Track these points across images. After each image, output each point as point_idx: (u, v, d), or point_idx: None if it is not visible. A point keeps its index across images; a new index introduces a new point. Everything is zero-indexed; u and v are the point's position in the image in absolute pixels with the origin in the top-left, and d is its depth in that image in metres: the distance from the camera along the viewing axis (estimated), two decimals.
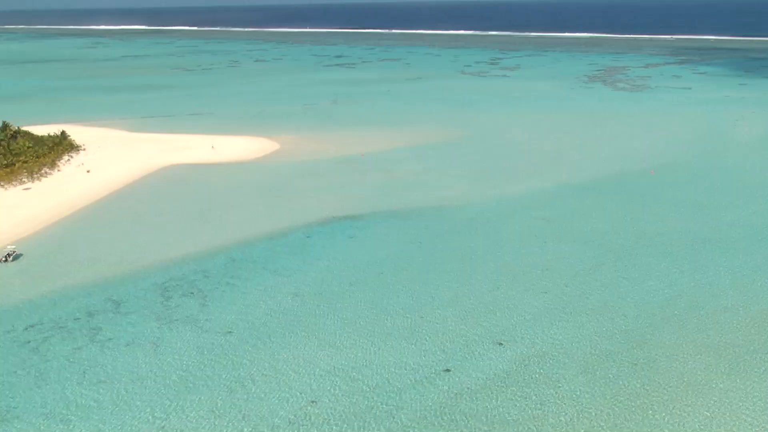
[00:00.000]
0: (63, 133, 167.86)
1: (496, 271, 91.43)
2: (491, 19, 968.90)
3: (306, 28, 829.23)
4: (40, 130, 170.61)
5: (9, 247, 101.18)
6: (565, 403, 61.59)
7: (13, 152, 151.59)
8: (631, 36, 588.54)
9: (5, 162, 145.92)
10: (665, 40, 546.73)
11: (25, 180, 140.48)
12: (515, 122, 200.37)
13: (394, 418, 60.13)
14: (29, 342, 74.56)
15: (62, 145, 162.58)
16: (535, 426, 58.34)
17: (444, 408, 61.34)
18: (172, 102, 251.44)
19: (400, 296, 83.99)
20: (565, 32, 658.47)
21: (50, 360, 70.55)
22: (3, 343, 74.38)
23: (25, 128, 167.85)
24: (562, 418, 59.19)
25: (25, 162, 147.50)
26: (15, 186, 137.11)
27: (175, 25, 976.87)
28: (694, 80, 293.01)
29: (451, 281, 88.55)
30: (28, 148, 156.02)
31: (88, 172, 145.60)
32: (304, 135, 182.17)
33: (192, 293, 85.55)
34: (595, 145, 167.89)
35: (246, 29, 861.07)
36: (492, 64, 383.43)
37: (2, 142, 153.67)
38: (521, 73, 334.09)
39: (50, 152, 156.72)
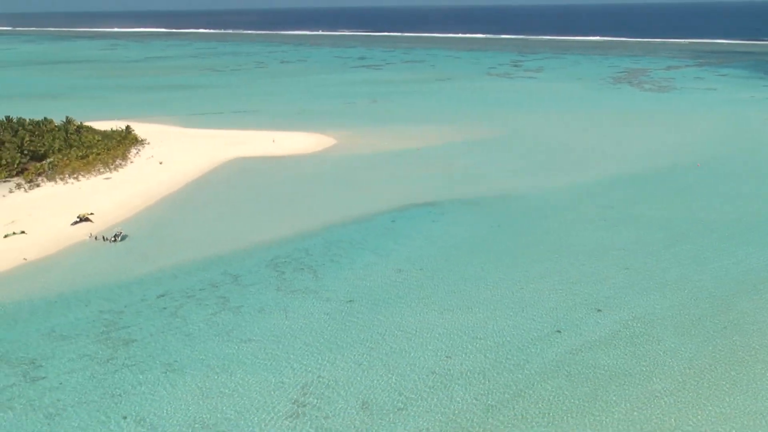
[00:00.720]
0: (128, 127, 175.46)
1: (576, 251, 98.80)
2: (499, 22, 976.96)
3: (319, 30, 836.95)
4: (98, 126, 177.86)
5: (116, 229, 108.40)
6: (669, 359, 68.92)
7: (85, 145, 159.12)
8: (645, 39, 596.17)
9: (80, 153, 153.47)
10: (679, 43, 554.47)
11: (102, 170, 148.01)
12: (553, 120, 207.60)
13: (522, 369, 67.48)
14: (165, 308, 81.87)
15: (128, 139, 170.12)
16: (647, 378, 65.59)
17: (562, 362, 68.63)
18: (214, 100, 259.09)
19: (495, 271, 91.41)
20: (577, 36, 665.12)
21: (192, 323, 77.85)
22: (142, 309, 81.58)
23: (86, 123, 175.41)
24: (669, 371, 66.47)
25: (98, 154, 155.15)
26: (95, 176, 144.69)
27: (184, 28, 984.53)
28: (717, 82, 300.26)
29: (537, 259, 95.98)
30: (98, 141, 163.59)
31: (160, 163, 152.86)
32: (355, 131, 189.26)
33: (302, 269, 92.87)
34: (636, 141, 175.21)
35: (258, 32, 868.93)
36: (515, 66, 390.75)
37: (72, 135, 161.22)
38: (546, 75, 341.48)
39: (119, 145, 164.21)
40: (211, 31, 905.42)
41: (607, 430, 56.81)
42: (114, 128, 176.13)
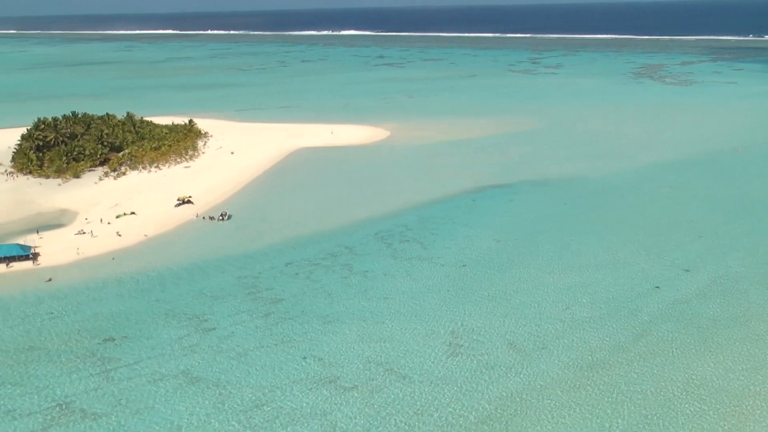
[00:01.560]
0: (191, 121, 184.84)
1: (649, 223, 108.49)
2: (506, 22, 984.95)
3: (328, 31, 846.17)
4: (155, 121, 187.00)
5: (215, 210, 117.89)
6: (761, 307, 78.75)
7: (156, 137, 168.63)
8: (653, 37, 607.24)
9: (153, 145, 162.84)
10: (688, 40, 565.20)
11: (179, 160, 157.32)
12: (588, 112, 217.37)
13: (635, 317, 77.28)
14: (297, 274, 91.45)
15: (193, 132, 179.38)
16: (746, 323, 75.36)
17: (668, 312, 78.32)
18: (253, 97, 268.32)
19: (582, 240, 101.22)
20: (586, 34, 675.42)
21: (328, 285, 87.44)
22: (276, 275, 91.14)
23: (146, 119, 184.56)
24: (765, 317, 76.37)
25: (170, 145, 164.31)
26: (174, 165, 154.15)
27: (192, 30, 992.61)
28: (735, 76, 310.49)
29: (616, 230, 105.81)
30: (166, 134, 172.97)
31: (232, 153, 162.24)
32: (403, 124, 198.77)
33: (407, 241, 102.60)
34: (673, 130, 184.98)
35: (267, 33, 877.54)
36: (533, 63, 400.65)
37: (139, 129, 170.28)
38: (567, 71, 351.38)
39: (185, 138, 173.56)
40: (221, 32, 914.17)
41: (725, 364, 66.39)
42: (173, 122, 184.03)
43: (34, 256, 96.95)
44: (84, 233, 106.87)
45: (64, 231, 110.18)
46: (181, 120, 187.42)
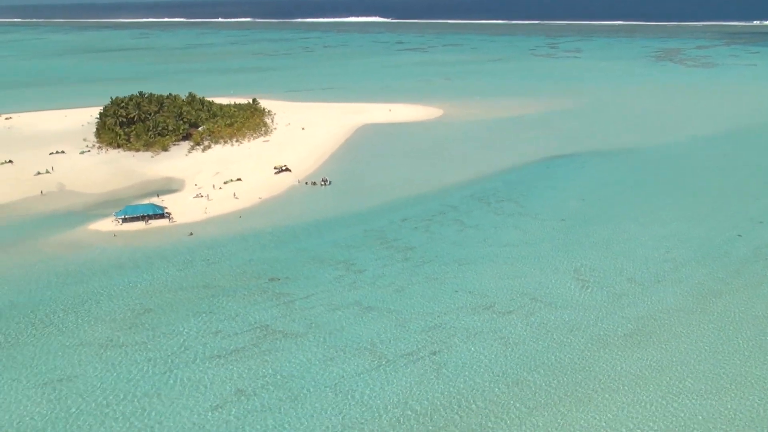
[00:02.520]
0: (254, 100, 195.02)
1: (713, 185, 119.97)
2: (511, 9, 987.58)
3: (337, 18, 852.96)
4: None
5: (310, 178, 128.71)
6: None
7: (227, 115, 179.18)
8: (661, 23, 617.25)
9: (227, 122, 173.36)
10: (695, 26, 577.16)
11: (255, 135, 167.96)
12: (620, 92, 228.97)
13: (727, 257, 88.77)
14: (416, 227, 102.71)
15: (258, 110, 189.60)
16: None
17: (755, 254, 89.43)
18: (293, 79, 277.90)
19: (658, 199, 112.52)
20: (595, 20, 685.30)
21: (448, 236, 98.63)
22: (397, 228, 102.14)
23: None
24: None
25: (242, 122, 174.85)
26: (252, 139, 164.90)
27: (200, 18, 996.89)
28: (753, 58, 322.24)
29: (686, 191, 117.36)
30: (235, 111, 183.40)
31: (303, 129, 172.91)
32: (452, 103, 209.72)
33: (503, 200, 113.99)
34: (708, 107, 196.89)
35: (274, 20, 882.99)
36: (552, 48, 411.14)
37: (207, 107, 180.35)
38: (588, 55, 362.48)
39: (252, 115, 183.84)
40: (230, 20, 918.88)
41: None
42: (234, 102, 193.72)
43: (168, 215, 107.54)
44: (201, 197, 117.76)
45: (181, 195, 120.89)
46: (253, 98, 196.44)
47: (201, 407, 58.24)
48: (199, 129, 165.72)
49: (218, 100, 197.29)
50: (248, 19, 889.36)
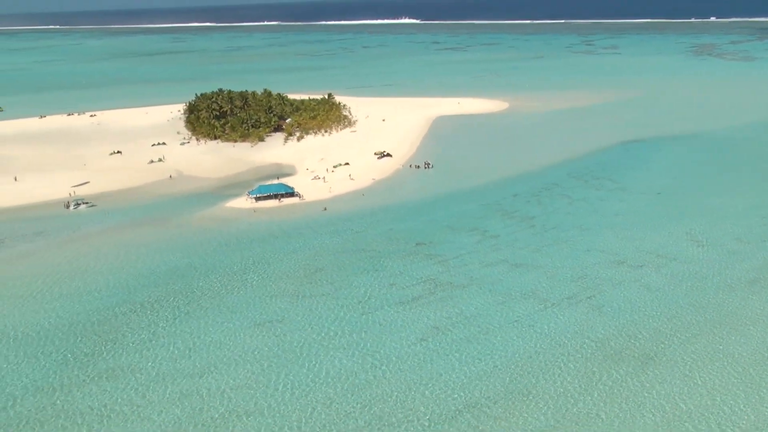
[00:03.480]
0: (330, 95, 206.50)
1: None
2: (525, 9, 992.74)
3: (358, 20, 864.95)
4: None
5: (410, 162, 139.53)
6: None
7: (308, 108, 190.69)
8: (687, 20, 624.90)
9: (311, 115, 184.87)
10: (722, 23, 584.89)
11: (340, 127, 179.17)
12: (671, 84, 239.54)
13: None
14: (528, 201, 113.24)
15: (335, 104, 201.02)
16: None
17: None
18: (348, 77, 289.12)
19: (740, 175, 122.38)
20: (619, 19, 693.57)
21: (560, 207, 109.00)
22: (511, 202, 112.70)
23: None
24: None
25: (325, 115, 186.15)
26: (339, 130, 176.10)
27: (223, 22, 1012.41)
28: None
29: (758, 168, 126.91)
30: (315, 105, 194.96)
31: (383, 120, 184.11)
32: (514, 96, 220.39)
33: (597, 178, 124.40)
34: (757, 97, 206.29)
35: (299, 23, 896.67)
36: (588, 45, 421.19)
37: (288, 102, 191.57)
38: (626, 51, 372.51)
39: (331, 109, 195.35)
40: (254, 24, 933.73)
41: None
42: (309, 97, 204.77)
43: (298, 194, 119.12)
44: (319, 178, 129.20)
45: (297, 178, 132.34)
46: (328, 93, 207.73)
47: (406, 341, 68.92)
48: (288, 121, 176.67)
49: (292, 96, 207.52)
50: (275, 23, 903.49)
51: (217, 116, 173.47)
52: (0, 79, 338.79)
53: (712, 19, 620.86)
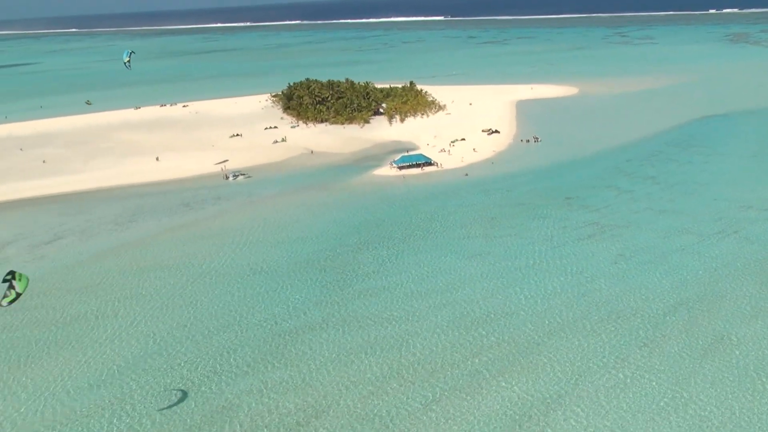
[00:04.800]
0: (412, 83, 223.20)
1: None
2: (539, 5, 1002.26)
3: (391, 17, 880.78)
4: None
5: (519, 138, 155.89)
6: None
7: (397, 95, 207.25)
8: (705, 12, 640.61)
9: (402, 100, 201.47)
10: (742, 13, 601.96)
11: (432, 111, 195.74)
12: (720, 69, 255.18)
13: None
14: (642, 164, 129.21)
15: (418, 91, 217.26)
16: None
17: None
18: (406, 69, 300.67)
19: None
20: (642, 12, 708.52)
21: (671, 169, 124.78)
22: (628, 165, 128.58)
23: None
24: None
25: (414, 100, 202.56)
26: (434, 114, 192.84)
27: (245, 22, 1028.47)
28: None
29: None
30: (402, 92, 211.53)
31: (470, 104, 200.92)
32: (579, 82, 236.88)
33: (694, 146, 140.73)
34: None
35: (320, 22, 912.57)
36: (622, 36, 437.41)
37: (377, 90, 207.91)
38: (664, 41, 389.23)
39: (417, 95, 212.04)
40: (280, 23, 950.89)
41: None
42: (390, 86, 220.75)
43: (436, 163, 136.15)
44: (444, 151, 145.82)
45: (423, 151, 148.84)
46: (410, 81, 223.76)
47: (601, 264, 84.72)
48: (384, 106, 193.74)
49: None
50: (297, 22, 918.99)
51: (319, 102, 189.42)
52: (68, 77, 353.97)
53: (728, 10, 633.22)
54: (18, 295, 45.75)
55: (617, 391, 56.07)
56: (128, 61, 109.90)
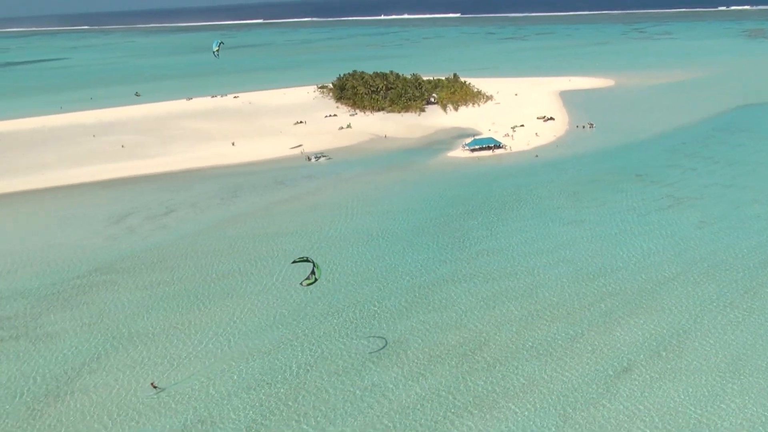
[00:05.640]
0: (455, 75, 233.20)
1: None
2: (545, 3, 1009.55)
3: (404, 14, 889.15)
4: None
5: (588, 121, 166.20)
6: None
7: (444, 85, 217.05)
8: (714, 9, 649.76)
9: (452, 90, 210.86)
10: (754, 10, 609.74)
11: (482, 100, 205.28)
12: (744, 62, 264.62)
13: None
14: (697, 147, 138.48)
15: (463, 83, 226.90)
16: None
17: None
18: (437, 63, 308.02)
19: None
20: (656, 9, 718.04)
21: (725, 151, 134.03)
22: (683, 148, 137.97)
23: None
24: None
25: (461, 91, 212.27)
26: (483, 103, 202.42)
27: (253, 19, 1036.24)
28: None
29: None
30: (447, 83, 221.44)
31: (516, 95, 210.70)
32: (610, 75, 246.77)
33: (740, 130, 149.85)
34: None
35: (333, 19, 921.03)
36: (641, 32, 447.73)
37: (425, 81, 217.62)
38: (683, 36, 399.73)
39: (462, 86, 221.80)
40: (293, 20, 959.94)
41: None
42: (434, 77, 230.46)
43: (506, 146, 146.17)
44: (508, 135, 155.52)
45: (486, 136, 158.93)
46: (453, 73, 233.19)
47: (686, 228, 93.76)
48: (434, 96, 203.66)
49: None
50: (310, 19, 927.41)
51: (373, 92, 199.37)
52: (102, 72, 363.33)
53: (737, 7, 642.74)
54: (316, 280, 57.34)
55: (734, 327, 65.67)
56: (217, 51, 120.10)
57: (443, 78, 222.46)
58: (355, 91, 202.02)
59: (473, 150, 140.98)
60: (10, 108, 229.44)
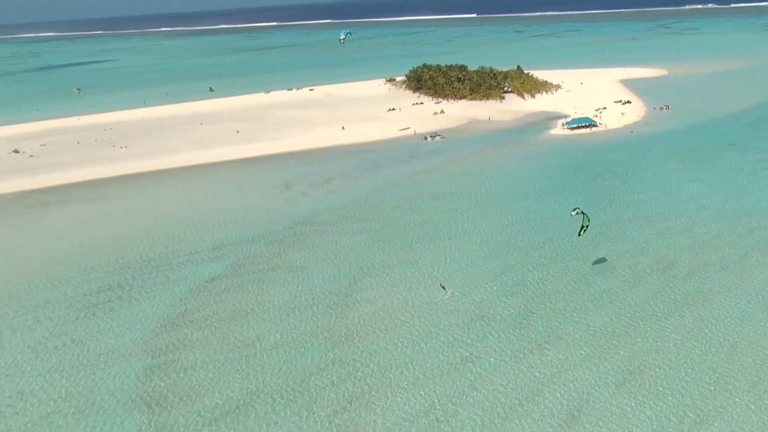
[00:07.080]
0: (518, 67, 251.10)
1: None
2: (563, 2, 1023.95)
3: (421, 15, 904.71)
4: None
5: (664, 104, 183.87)
6: None
7: (514, 76, 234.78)
8: (728, 6, 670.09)
9: (521, 81, 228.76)
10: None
11: (550, 89, 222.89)
12: None
13: None
14: (752, 127, 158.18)
15: (528, 74, 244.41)
16: None
17: None
18: (478, 59, 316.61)
19: None
20: (673, 6, 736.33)
21: (744, 144, 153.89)
22: (758, 125, 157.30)
23: None
24: None
25: (531, 80, 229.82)
26: (554, 92, 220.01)
27: (267, 22, 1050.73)
28: None
29: None
30: (516, 74, 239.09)
31: (581, 84, 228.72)
32: (662, 65, 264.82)
33: None
34: None
35: (351, 20, 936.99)
36: (666, 27, 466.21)
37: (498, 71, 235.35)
38: (711, 30, 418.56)
39: (528, 76, 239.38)
40: (312, 22, 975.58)
41: None
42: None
43: (602, 124, 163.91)
44: (596, 116, 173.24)
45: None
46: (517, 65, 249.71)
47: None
48: (508, 85, 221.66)
49: None
50: (329, 21, 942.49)
51: (453, 81, 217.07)
52: (160, 71, 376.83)
53: (756, 3, 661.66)
54: (586, 227, 76.30)
55: None
56: (344, 39, 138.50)
57: (507, 70, 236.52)
58: (435, 81, 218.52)
59: (572, 128, 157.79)
60: (95, 103, 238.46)
